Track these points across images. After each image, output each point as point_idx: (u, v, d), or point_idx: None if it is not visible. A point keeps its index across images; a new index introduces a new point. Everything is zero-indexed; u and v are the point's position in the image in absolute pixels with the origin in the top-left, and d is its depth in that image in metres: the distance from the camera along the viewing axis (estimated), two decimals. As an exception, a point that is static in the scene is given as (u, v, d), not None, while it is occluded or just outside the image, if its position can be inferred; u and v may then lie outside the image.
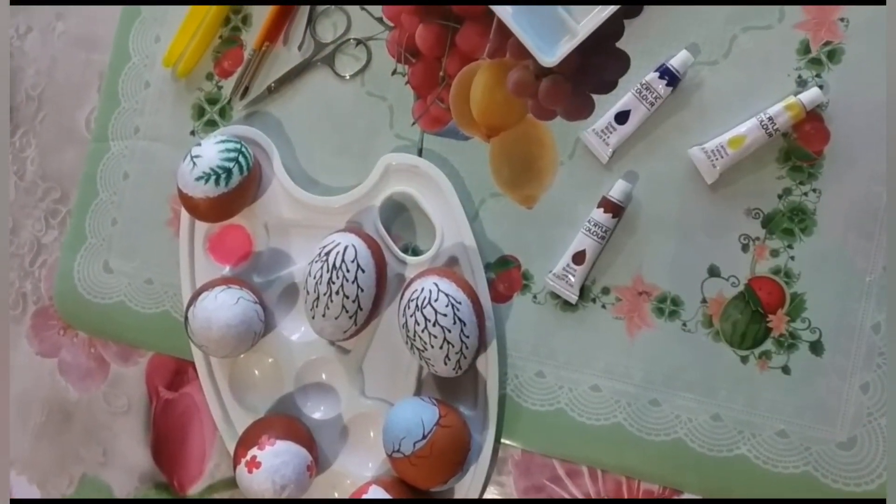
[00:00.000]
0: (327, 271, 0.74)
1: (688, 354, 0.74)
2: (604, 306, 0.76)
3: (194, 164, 0.77)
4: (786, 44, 0.74)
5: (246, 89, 0.87)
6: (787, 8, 0.74)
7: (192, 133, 0.88)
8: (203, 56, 0.88)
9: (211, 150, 0.77)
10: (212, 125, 0.87)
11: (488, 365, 0.76)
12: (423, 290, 0.72)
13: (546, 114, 0.80)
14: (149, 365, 0.88)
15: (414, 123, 0.83)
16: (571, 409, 0.76)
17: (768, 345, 0.73)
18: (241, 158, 0.77)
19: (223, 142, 0.78)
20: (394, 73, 0.84)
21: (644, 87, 0.76)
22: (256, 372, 0.83)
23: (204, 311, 0.75)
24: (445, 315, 0.71)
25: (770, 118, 0.72)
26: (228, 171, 0.77)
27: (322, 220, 0.81)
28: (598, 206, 0.76)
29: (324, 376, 0.82)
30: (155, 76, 0.89)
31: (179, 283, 0.84)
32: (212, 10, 0.87)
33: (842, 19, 0.73)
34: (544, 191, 0.79)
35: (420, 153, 0.82)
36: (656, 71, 0.75)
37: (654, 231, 0.75)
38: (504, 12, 0.77)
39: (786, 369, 0.72)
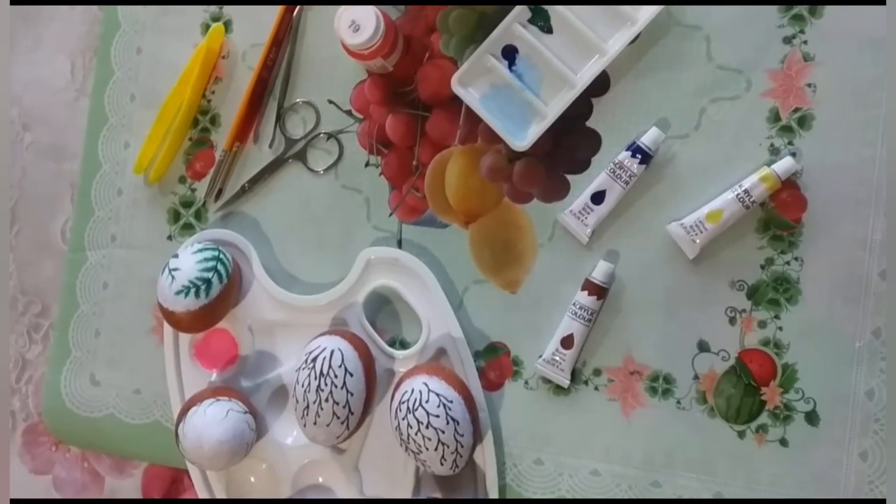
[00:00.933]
0: (315, 378, 0.73)
1: (685, 432, 0.73)
2: (596, 388, 0.76)
3: (173, 277, 0.76)
4: (755, 113, 0.74)
5: (220, 191, 0.86)
6: (754, 77, 0.74)
7: (169, 238, 0.87)
8: (174, 159, 0.87)
9: (189, 262, 0.76)
10: (188, 228, 0.87)
11: (486, 457, 0.76)
12: (412, 391, 0.71)
13: (522, 197, 0.80)
14: (144, 476, 0.87)
15: (391, 214, 0.82)
16: (573, 495, 0.75)
17: (764, 418, 0.72)
18: (219, 266, 0.77)
19: (200, 251, 0.77)
20: (367, 164, 0.83)
21: (617, 165, 0.75)
22: (252, 479, 0.82)
23: (194, 428, 0.74)
24: (437, 416, 0.70)
25: (746, 191, 0.72)
26: (208, 282, 0.76)
27: (306, 319, 0.81)
28: (583, 289, 0.75)
29: (320, 479, 0.81)
30: (127, 183, 0.89)
31: (168, 391, 0.83)
32: (180, 113, 0.86)
33: (809, 85, 0.73)
34: (526, 274, 0.79)
35: (400, 244, 0.81)
36: (628, 150, 0.75)
37: (640, 309, 0.75)
38: (472, 99, 0.77)
39: (783, 442, 0.72)
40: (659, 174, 0.75)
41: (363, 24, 0.75)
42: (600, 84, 0.77)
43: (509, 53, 0.79)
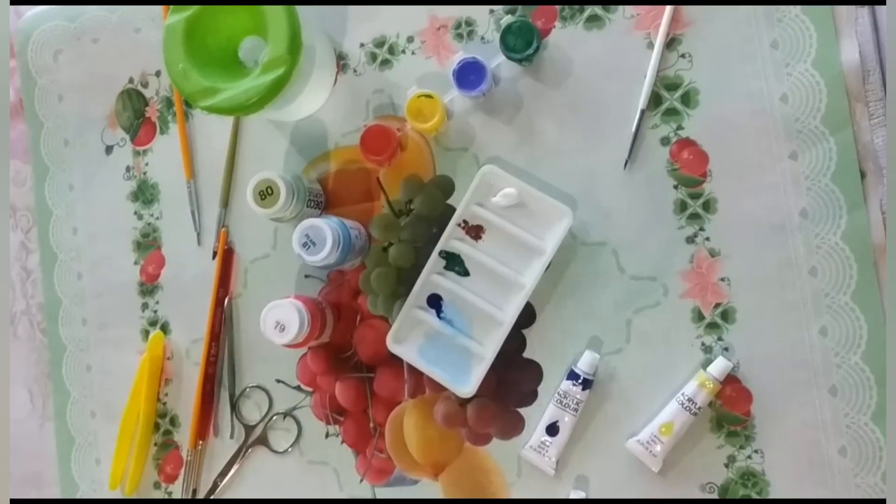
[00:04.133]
0: None
1: None
2: None
3: None
4: (679, 315, 0.75)
5: (194, 491, 0.87)
6: (669, 282, 0.75)
7: (158, 545, 0.88)
8: (144, 467, 0.89)
9: None
10: (173, 535, 0.87)
11: None
12: None
13: (481, 438, 0.80)
14: None
15: (362, 480, 0.83)
16: None
17: None
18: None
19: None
20: (327, 435, 0.84)
21: (563, 395, 0.76)
22: None
23: None
24: None
25: (689, 399, 0.72)
26: None
27: None
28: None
29: None
30: (107, 498, 0.90)
31: None
32: (140, 422, 0.87)
33: (723, 279, 0.74)
34: (505, 513, 0.79)
35: (376, 509, 0.82)
36: (569, 378, 0.76)
37: (620, 531, 0.75)
38: (410, 355, 0.78)
39: None
40: (605, 392, 0.76)
41: (287, 323, 0.77)
42: (527, 315, 0.79)
43: (434, 302, 0.80)
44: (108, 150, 0.92)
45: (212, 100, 0.75)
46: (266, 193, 0.78)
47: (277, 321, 0.77)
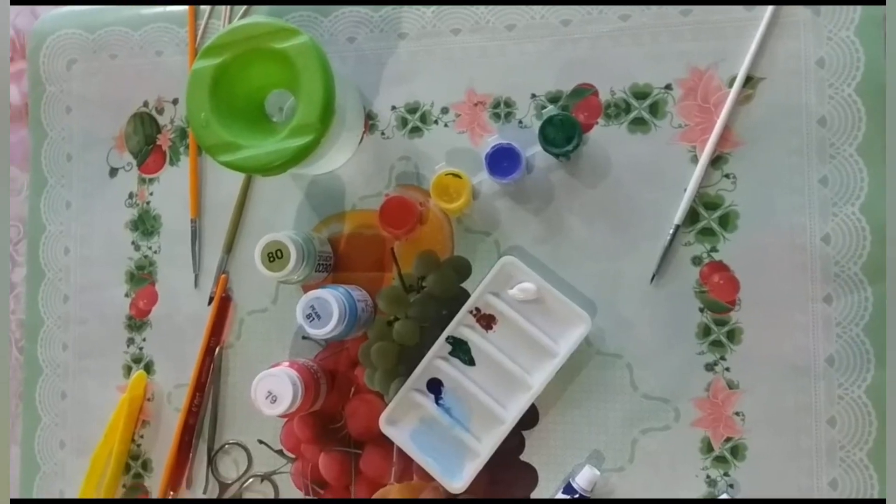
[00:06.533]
0: None
1: None
2: None
3: None
4: (688, 443, 0.72)
5: (158, 542, 0.84)
6: (682, 407, 0.72)
7: (114, 591, 0.84)
8: (110, 508, 0.85)
9: None
10: (131, 582, 0.84)
11: None
12: None
13: (464, 536, 0.77)
14: None
15: (334, 558, 0.80)
16: None
17: None
18: None
19: None
20: (304, 507, 0.81)
21: (555, 508, 0.73)
22: None
23: None
24: None
25: (687, 534, 0.70)
26: None
27: None
28: None
29: None
30: (65, 537, 0.86)
31: None
32: (112, 461, 0.84)
33: (737, 413, 0.71)
34: None
35: (346, 593, 0.79)
36: (564, 492, 0.73)
37: None
38: (403, 439, 0.75)
39: None
40: (605, 499, 0.73)
41: (280, 395, 0.73)
42: (529, 416, 0.76)
43: (434, 387, 0.77)
44: (113, 172, 0.87)
45: (232, 156, 0.71)
46: (275, 256, 0.74)
47: (269, 391, 0.73)
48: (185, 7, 0.85)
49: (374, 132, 0.81)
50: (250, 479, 0.82)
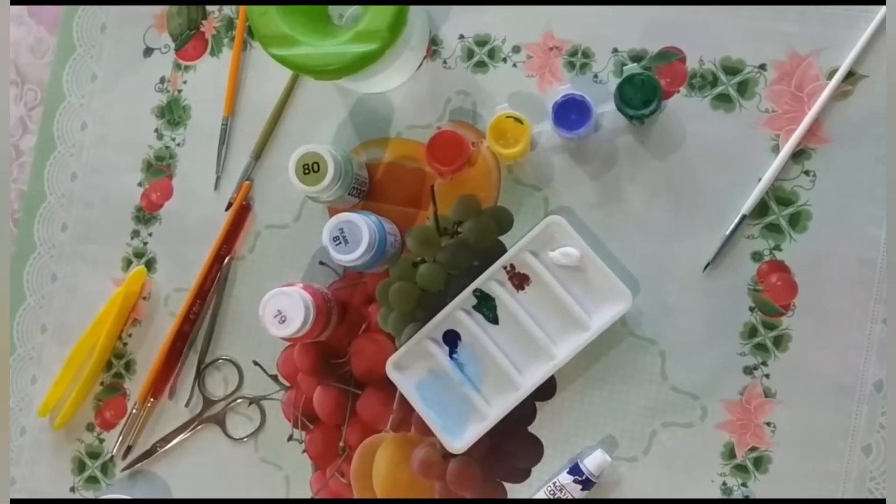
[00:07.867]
0: None
1: None
2: None
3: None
4: (709, 445, 0.68)
5: (129, 448, 0.79)
6: (710, 405, 0.68)
7: (72, 489, 0.80)
8: (83, 403, 0.80)
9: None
10: (93, 482, 0.80)
11: None
12: None
13: (455, 500, 0.73)
14: None
15: (312, 498, 0.75)
16: None
17: None
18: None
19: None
20: (290, 438, 0.77)
21: (557, 487, 0.69)
22: None
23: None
24: None
25: (693, 540, 0.65)
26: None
27: None
28: None
29: None
30: (31, 422, 0.82)
31: None
32: (92, 358, 0.79)
33: (768, 423, 0.67)
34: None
35: (319, 535, 0.74)
36: (570, 472, 0.69)
37: None
38: (408, 387, 0.71)
39: None
40: (604, 498, 0.69)
41: (291, 316, 0.68)
42: (546, 388, 0.71)
43: (451, 339, 0.73)
44: (148, 52, 0.81)
45: (286, 50, 0.65)
46: (311, 169, 0.68)
47: (280, 311, 0.68)
48: None
49: (436, 59, 0.75)
50: (238, 400, 0.77)
